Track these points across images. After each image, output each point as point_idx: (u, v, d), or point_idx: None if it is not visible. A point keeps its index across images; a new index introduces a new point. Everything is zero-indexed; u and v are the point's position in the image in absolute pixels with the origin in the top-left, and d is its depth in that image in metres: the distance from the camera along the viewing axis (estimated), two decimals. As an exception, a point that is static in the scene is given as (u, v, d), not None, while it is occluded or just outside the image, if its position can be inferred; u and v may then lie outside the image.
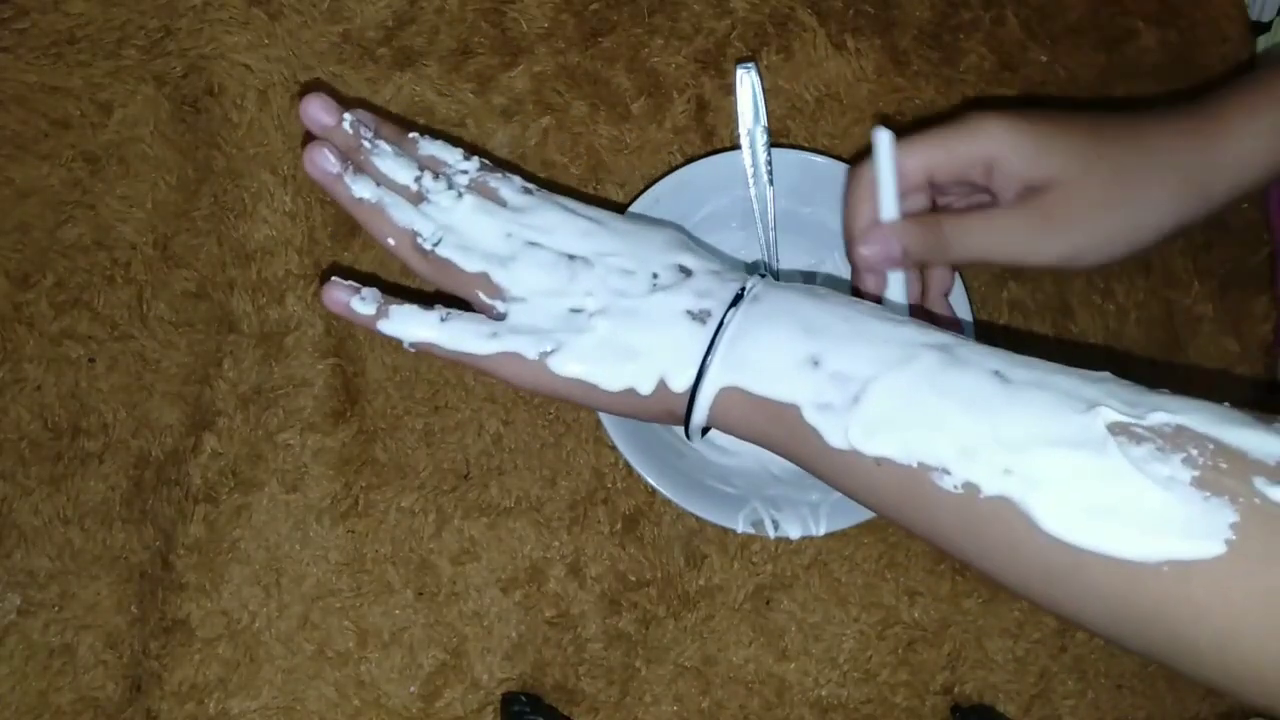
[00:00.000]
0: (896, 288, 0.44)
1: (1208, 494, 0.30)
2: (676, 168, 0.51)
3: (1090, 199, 0.42)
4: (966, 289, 0.49)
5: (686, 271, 0.42)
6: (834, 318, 0.38)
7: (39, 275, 0.52)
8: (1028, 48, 0.54)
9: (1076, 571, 0.32)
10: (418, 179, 0.44)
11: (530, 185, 0.45)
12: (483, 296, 0.42)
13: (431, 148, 0.45)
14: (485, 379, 0.52)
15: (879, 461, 0.35)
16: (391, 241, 0.43)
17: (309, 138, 0.44)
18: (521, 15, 0.54)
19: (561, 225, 0.43)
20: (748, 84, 0.51)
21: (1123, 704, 0.50)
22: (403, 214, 0.43)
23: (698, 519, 0.49)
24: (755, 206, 0.50)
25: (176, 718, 0.49)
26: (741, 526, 0.47)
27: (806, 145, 0.53)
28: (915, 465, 0.35)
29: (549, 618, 0.50)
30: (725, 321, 0.39)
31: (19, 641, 0.50)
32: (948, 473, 0.34)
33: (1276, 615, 0.30)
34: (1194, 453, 0.31)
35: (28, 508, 0.51)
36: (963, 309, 0.48)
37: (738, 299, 0.40)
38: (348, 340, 0.52)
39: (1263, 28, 0.56)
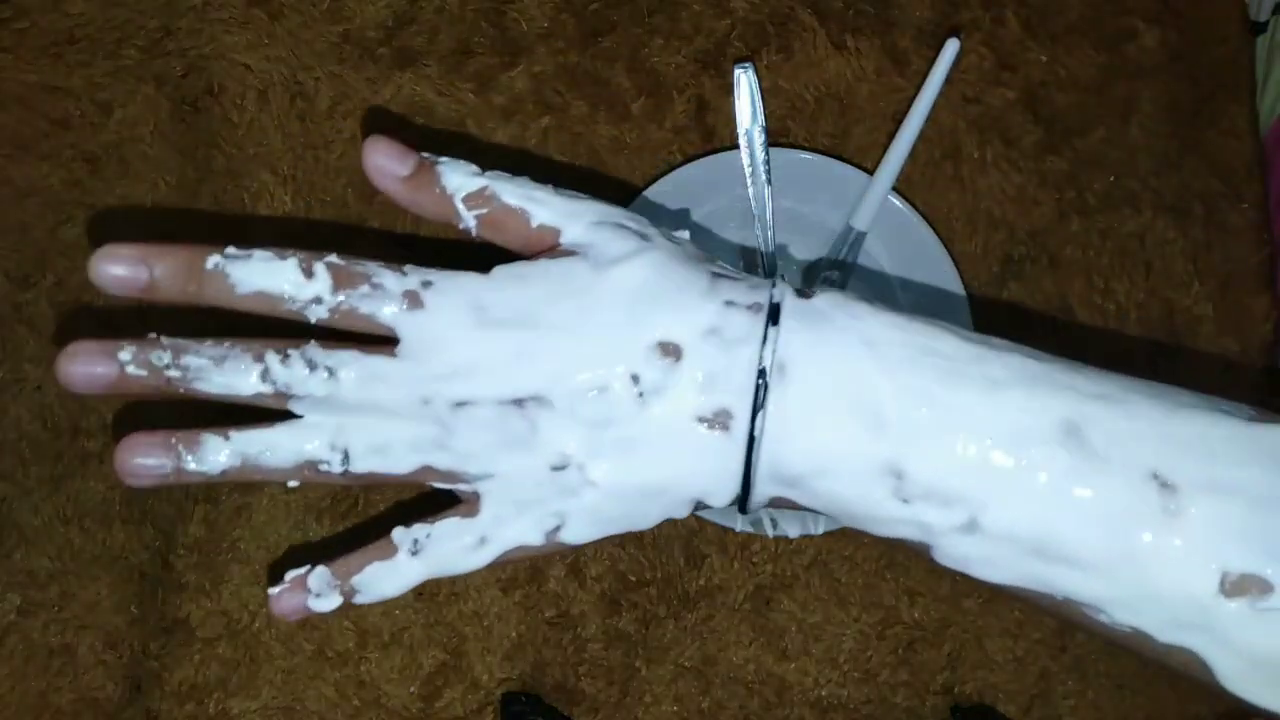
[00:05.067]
0: None
1: None
2: (676, 167, 0.51)
3: None
4: (965, 285, 0.49)
5: (673, 351, 0.31)
6: (905, 396, 0.30)
7: (39, 275, 0.52)
8: (1028, 48, 0.54)
9: None
10: (265, 374, 0.32)
11: (412, 281, 0.32)
12: (439, 485, 0.33)
13: (254, 275, 0.32)
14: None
15: (1009, 588, 0.31)
16: (293, 483, 0.34)
17: (128, 431, 0.34)
18: (521, 15, 0.54)
19: (483, 354, 0.31)
20: (745, 84, 0.51)
21: (1123, 704, 0.50)
22: (280, 453, 0.32)
23: (697, 518, 0.49)
24: (754, 206, 0.50)
25: (176, 718, 0.49)
26: (740, 525, 0.47)
27: (806, 145, 0.53)
28: (1061, 599, 0.31)
29: (549, 618, 0.50)
30: (756, 434, 0.30)
31: (19, 641, 0.50)
32: (1104, 613, 0.30)
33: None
34: None
35: (28, 508, 0.51)
36: (953, 283, 0.49)
37: (760, 387, 0.30)
38: (348, 340, 0.52)
39: (1262, 27, 0.56)
